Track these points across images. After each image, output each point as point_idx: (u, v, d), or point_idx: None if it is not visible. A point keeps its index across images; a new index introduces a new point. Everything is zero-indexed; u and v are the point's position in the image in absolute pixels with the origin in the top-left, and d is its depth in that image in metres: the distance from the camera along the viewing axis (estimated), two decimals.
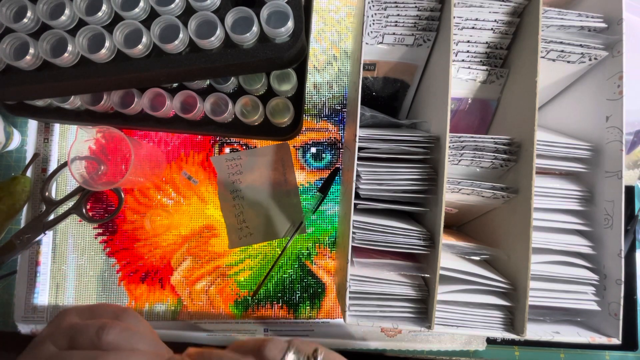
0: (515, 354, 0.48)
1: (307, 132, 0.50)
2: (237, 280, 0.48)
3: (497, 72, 0.38)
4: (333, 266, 0.48)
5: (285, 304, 0.48)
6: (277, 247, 0.49)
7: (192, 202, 0.49)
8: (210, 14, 0.36)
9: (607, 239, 0.36)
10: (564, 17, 0.35)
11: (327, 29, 0.51)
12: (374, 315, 0.34)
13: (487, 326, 0.34)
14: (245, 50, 0.37)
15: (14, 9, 0.37)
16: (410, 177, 0.35)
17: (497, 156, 0.35)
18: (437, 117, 0.35)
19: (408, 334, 0.47)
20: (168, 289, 0.48)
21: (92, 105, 0.43)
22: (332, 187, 0.48)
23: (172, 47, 0.36)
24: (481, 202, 0.38)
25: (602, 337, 0.34)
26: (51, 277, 0.48)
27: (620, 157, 0.34)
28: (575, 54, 0.36)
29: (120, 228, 0.48)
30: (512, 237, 0.35)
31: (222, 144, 0.49)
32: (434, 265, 0.33)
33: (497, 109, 0.40)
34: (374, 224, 0.35)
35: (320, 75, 0.50)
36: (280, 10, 0.37)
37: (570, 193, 0.37)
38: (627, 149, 0.49)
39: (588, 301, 0.35)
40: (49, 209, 0.47)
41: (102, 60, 0.37)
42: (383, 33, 0.37)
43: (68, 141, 0.49)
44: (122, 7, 0.36)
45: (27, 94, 0.41)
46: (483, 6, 0.35)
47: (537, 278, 0.35)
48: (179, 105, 0.43)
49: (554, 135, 0.38)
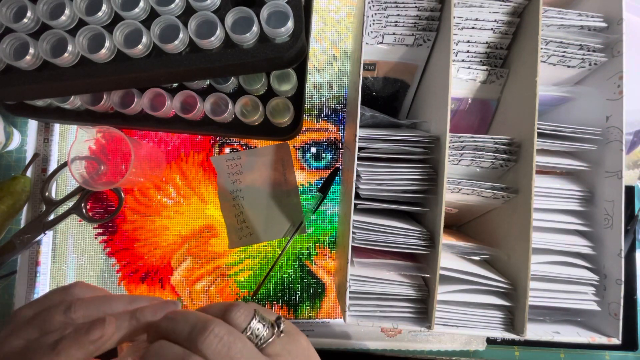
0: (515, 354, 0.48)
1: (307, 132, 0.50)
2: (237, 280, 0.48)
3: (497, 72, 0.38)
4: (333, 266, 0.48)
5: (285, 304, 0.48)
6: (277, 247, 0.49)
7: (192, 202, 0.49)
8: (210, 14, 0.36)
9: (607, 239, 0.36)
10: (564, 16, 0.35)
11: (327, 29, 0.51)
12: (374, 315, 0.34)
13: (487, 326, 0.34)
14: (245, 50, 0.37)
15: (14, 9, 0.37)
16: (410, 177, 0.35)
17: (497, 156, 0.35)
18: (437, 117, 0.35)
19: (408, 334, 0.47)
20: (168, 289, 0.48)
21: (92, 105, 0.43)
22: (332, 187, 0.48)
23: (172, 47, 0.36)
24: (481, 202, 0.38)
25: (602, 337, 0.34)
26: (51, 277, 0.48)
27: (620, 157, 0.34)
28: (575, 59, 0.36)
29: (120, 228, 0.48)
30: (512, 237, 0.35)
31: (222, 144, 0.49)
32: (434, 265, 0.33)
33: (497, 109, 0.40)
34: (374, 224, 0.35)
35: (320, 75, 0.50)
36: (280, 10, 0.37)
37: (570, 193, 0.37)
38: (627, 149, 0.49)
39: (588, 301, 0.35)
40: (49, 209, 0.47)
41: (102, 60, 0.37)
42: (383, 33, 0.37)
43: (68, 141, 0.49)
44: (122, 7, 0.36)
45: (27, 94, 0.41)
46: (483, 6, 0.35)
47: (537, 278, 0.35)
48: (179, 105, 0.43)
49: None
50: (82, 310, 0.25)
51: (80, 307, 0.25)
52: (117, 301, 0.26)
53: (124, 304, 0.26)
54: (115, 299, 0.26)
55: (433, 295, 0.33)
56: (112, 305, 0.26)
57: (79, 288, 0.27)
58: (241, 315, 0.24)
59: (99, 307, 0.25)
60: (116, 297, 0.27)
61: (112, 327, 0.24)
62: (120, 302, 0.26)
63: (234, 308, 0.24)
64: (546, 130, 0.35)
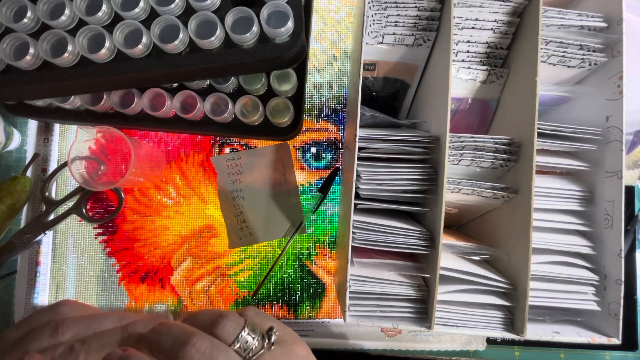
0: (515, 354, 0.48)
1: (307, 132, 0.50)
2: (237, 280, 0.48)
3: (497, 72, 0.38)
4: (333, 266, 0.48)
5: (285, 304, 0.48)
6: (277, 247, 0.49)
7: (192, 202, 0.49)
8: (210, 14, 0.36)
9: (607, 239, 0.36)
10: (564, 16, 0.35)
11: (327, 29, 0.51)
12: (374, 315, 0.34)
13: (487, 326, 0.34)
14: (245, 50, 0.37)
15: (14, 9, 0.37)
16: (410, 177, 0.35)
17: (497, 156, 0.35)
18: (437, 117, 0.35)
19: (408, 334, 0.47)
20: (168, 289, 0.48)
21: (92, 105, 0.43)
22: (332, 187, 0.48)
23: (172, 47, 0.36)
24: (481, 202, 0.38)
25: (602, 337, 0.34)
26: (51, 277, 0.48)
27: (620, 157, 0.34)
28: (575, 59, 0.36)
29: (120, 228, 0.48)
30: (512, 237, 0.35)
31: (222, 144, 0.49)
32: (434, 265, 0.33)
33: (497, 109, 0.40)
34: (374, 224, 0.35)
35: (320, 75, 0.50)
36: (280, 10, 0.37)
37: (570, 193, 0.37)
38: (627, 149, 0.49)
39: (588, 301, 0.35)
40: (49, 209, 0.47)
41: (102, 60, 0.37)
42: (383, 33, 0.37)
43: (68, 141, 0.49)
44: (122, 7, 0.36)
45: (27, 94, 0.41)
46: (483, 6, 0.35)
47: (537, 278, 0.35)
48: (179, 105, 0.43)
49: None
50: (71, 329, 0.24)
51: (69, 326, 0.24)
52: (107, 319, 0.26)
53: (114, 322, 0.26)
54: (105, 316, 0.26)
55: (433, 295, 0.33)
56: (102, 323, 0.25)
57: (67, 307, 0.27)
58: (230, 327, 0.23)
59: (88, 325, 0.25)
60: (106, 314, 0.26)
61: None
62: (110, 319, 0.26)
63: (222, 319, 0.23)
64: (546, 130, 0.35)
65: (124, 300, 0.48)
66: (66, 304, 0.27)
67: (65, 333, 0.24)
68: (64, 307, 0.27)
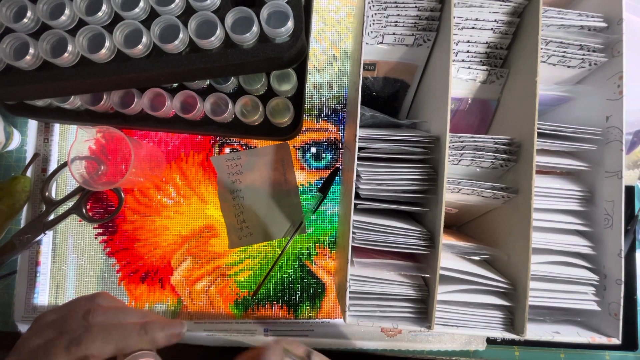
0: (515, 354, 0.48)
1: (307, 132, 0.50)
2: (237, 280, 0.48)
3: (497, 72, 0.38)
4: (333, 266, 0.48)
5: (285, 304, 0.48)
6: (277, 247, 0.49)
7: (192, 202, 0.49)
8: (210, 14, 0.36)
9: (607, 239, 0.36)
10: (564, 16, 0.35)
11: (327, 29, 0.51)
12: (374, 315, 0.34)
13: (487, 326, 0.34)
14: (245, 50, 0.37)
15: (14, 9, 0.37)
16: (410, 177, 0.35)
17: (497, 156, 0.35)
18: (437, 117, 0.35)
19: (408, 334, 0.47)
20: (168, 289, 0.48)
21: (92, 105, 0.43)
22: (332, 187, 0.48)
23: (172, 47, 0.36)
24: (481, 202, 0.38)
25: (602, 337, 0.34)
26: (51, 277, 0.48)
27: (620, 157, 0.34)
28: (575, 59, 0.36)
29: (120, 228, 0.48)
30: (512, 237, 0.35)
31: (222, 144, 0.49)
32: (434, 265, 0.33)
33: (497, 109, 0.40)
34: (374, 224, 0.35)
35: (320, 75, 0.50)
36: (280, 10, 0.37)
37: (570, 193, 0.37)
38: (627, 149, 0.49)
39: (588, 301, 0.35)
40: (49, 209, 0.47)
41: (102, 60, 0.37)
42: (383, 33, 0.37)
43: (68, 141, 0.49)
44: (122, 7, 0.36)
45: (27, 94, 0.41)
46: (483, 6, 0.35)
47: (537, 278, 0.35)
48: (179, 105, 0.43)
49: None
50: (101, 316, 0.28)
51: (99, 313, 0.29)
52: (133, 313, 0.30)
53: (138, 317, 0.30)
54: (131, 311, 0.30)
55: (433, 295, 0.33)
56: (128, 315, 0.29)
57: (102, 298, 0.31)
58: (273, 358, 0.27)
59: (116, 315, 0.29)
60: (132, 309, 0.31)
61: None
62: (135, 314, 0.30)
63: (265, 352, 0.27)
64: (546, 130, 0.35)
65: (124, 300, 0.48)
66: (101, 295, 0.31)
67: (95, 318, 0.28)
68: (99, 297, 0.31)
